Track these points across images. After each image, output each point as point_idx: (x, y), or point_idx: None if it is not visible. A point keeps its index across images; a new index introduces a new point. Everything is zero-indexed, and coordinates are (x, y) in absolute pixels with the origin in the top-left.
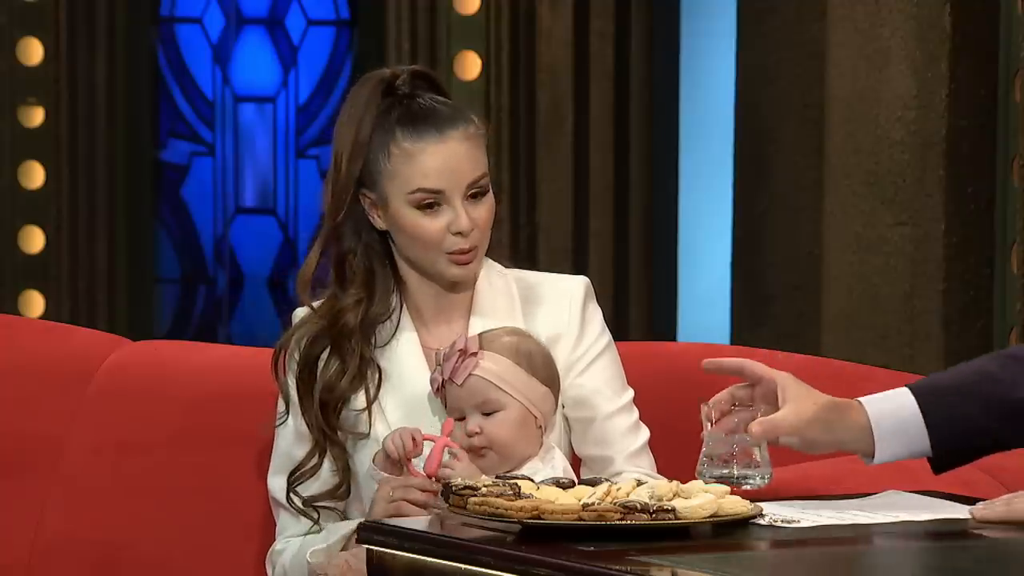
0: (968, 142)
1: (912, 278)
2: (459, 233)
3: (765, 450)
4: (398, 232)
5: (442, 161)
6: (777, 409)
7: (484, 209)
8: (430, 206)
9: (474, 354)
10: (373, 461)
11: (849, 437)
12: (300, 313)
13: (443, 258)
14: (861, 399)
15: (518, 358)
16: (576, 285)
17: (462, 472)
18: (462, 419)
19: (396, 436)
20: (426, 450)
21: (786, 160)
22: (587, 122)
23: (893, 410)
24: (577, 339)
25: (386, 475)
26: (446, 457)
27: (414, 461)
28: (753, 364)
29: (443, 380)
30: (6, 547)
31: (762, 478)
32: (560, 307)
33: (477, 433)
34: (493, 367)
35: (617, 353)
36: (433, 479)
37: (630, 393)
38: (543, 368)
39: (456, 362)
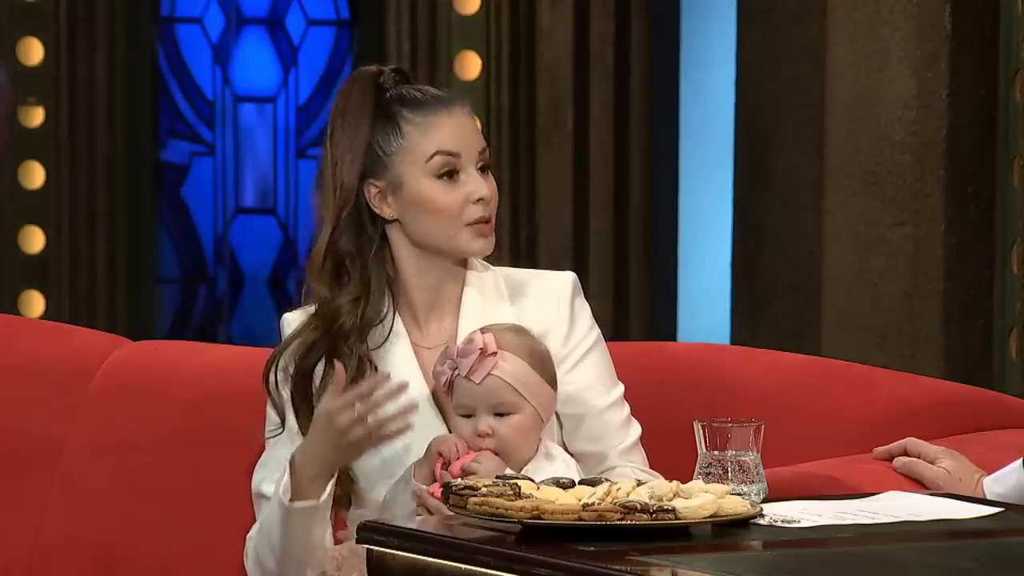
0: (968, 142)
1: (912, 278)
2: (480, 200)
3: (760, 466)
4: (415, 212)
5: (456, 127)
6: None
7: (493, 184)
8: (449, 174)
9: (493, 354)
10: (412, 474)
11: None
12: (290, 318)
13: (465, 231)
14: (984, 481)
15: (532, 359)
16: (564, 280)
17: (488, 471)
18: (468, 416)
19: (451, 444)
20: None
21: (786, 160)
22: (587, 122)
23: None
24: (566, 335)
25: (424, 488)
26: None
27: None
28: (917, 443)
29: (453, 375)
30: (6, 547)
31: (757, 494)
32: (548, 303)
33: (488, 435)
34: (511, 369)
35: (606, 348)
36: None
37: (620, 388)
38: (549, 368)
39: (475, 361)
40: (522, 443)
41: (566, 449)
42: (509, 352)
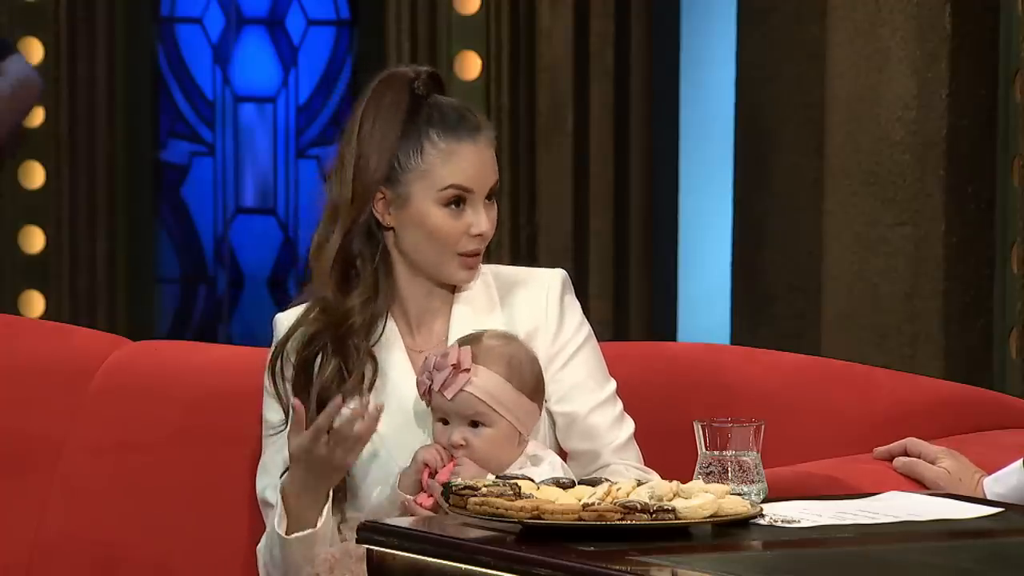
0: (968, 142)
1: (912, 278)
2: (479, 235)
3: (760, 466)
4: (413, 230)
5: (476, 161)
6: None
7: (494, 214)
8: (456, 204)
9: (467, 370)
10: (398, 486)
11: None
12: (283, 318)
13: (455, 260)
14: (984, 481)
15: (510, 373)
16: (553, 278)
17: (470, 474)
18: (444, 422)
19: (435, 453)
20: None
21: (786, 160)
22: (587, 122)
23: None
24: (556, 332)
25: (410, 498)
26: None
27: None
28: (918, 443)
29: (430, 386)
30: (6, 547)
31: (757, 494)
32: (538, 300)
33: (462, 445)
34: (485, 384)
35: (597, 345)
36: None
37: (612, 384)
38: (531, 380)
39: (448, 376)
40: (497, 454)
41: (560, 448)
42: (486, 366)
